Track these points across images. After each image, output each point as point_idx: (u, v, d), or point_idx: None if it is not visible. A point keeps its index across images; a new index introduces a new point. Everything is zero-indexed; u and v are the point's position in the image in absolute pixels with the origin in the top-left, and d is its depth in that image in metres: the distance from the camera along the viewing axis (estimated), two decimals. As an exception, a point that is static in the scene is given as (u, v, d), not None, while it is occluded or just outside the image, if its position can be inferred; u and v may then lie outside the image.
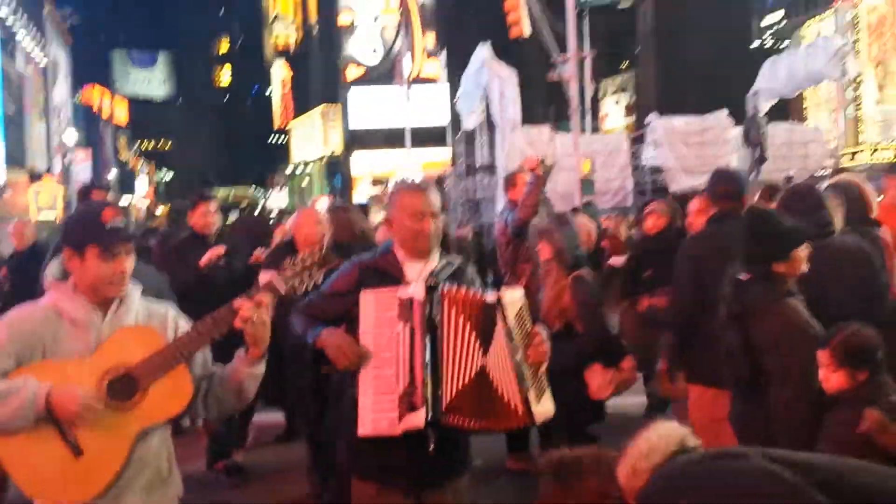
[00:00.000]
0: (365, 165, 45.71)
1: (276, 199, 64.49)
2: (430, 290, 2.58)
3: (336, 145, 52.30)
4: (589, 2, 23.99)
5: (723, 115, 18.90)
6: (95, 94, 57.69)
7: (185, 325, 2.43)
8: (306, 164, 58.14)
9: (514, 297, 2.60)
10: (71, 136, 40.67)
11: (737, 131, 18.16)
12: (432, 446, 2.57)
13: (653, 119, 19.54)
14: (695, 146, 17.71)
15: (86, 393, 2.15)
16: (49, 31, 40.75)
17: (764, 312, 2.85)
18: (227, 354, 2.41)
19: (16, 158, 33.45)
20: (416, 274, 2.71)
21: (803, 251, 2.89)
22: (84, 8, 49.24)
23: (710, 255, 3.57)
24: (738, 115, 18.71)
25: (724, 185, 3.90)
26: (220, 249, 4.99)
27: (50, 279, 3.14)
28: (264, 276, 2.36)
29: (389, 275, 2.70)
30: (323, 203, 12.98)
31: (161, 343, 2.28)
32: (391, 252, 2.77)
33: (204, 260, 4.91)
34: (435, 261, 2.78)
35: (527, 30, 16.84)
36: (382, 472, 2.66)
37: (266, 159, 72.19)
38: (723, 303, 2.98)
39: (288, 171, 63.27)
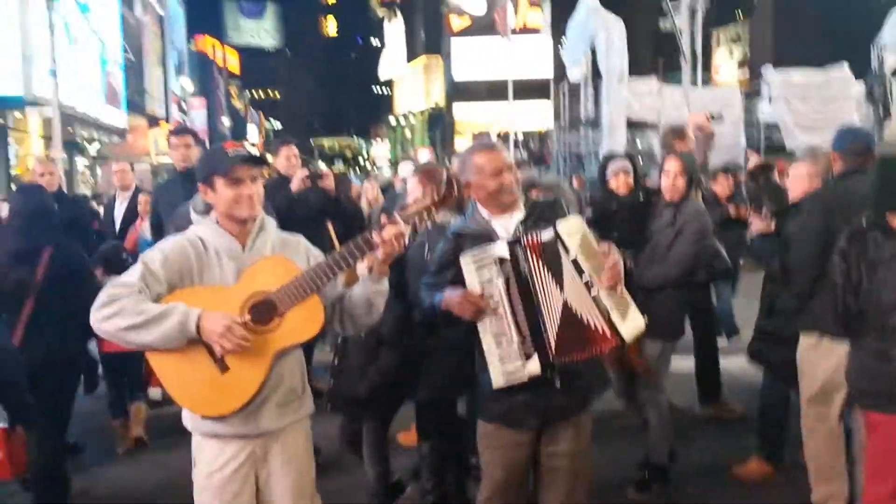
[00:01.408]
0: (467, 117, 45.65)
1: (379, 150, 65.44)
2: (514, 243, 2.72)
3: (438, 97, 52.40)
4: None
5: (844, 68, 17.86)
6: (209, 44, 59.59)
7: (316, 254, 2.65)
8: (409, 115, 58.56)
9: (570, 227, 2.68)
10: (187, 84, 42.28)
11: (859, 87, 17.18)
12: (559, 384, 2.76)
13: (768, 71, 18.70)
14: (814, 101, 16.87)
15: (231, 317, 2.37)
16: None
17: (892, 263, 2.82)
18: None
19: (136, 104, 35.14)
20: (505, 229, 2.84)
21: None
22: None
23: (838, 211, 3.49)
24: (861, 70, 17.67)
25: (853, 141, 3.79)
26: (305, 171, 5.46)
27: (194, 214, 3.41)
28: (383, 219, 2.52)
29: (481, 235, 2.83)
30: (424, 155, 13.10)
31: (296, 271, 2.48)
32: (477, 213, 2.91)
33: (296, 184, 5.32)
34: (521, 212, 2.89)
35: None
36: (512, 413, 2.83)
37: (370, 110, 73.12)
38: (838, 253, 2.96)
39: (392, 122, 63.91)
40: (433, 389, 3.68)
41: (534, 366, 2.69)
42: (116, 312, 2.34)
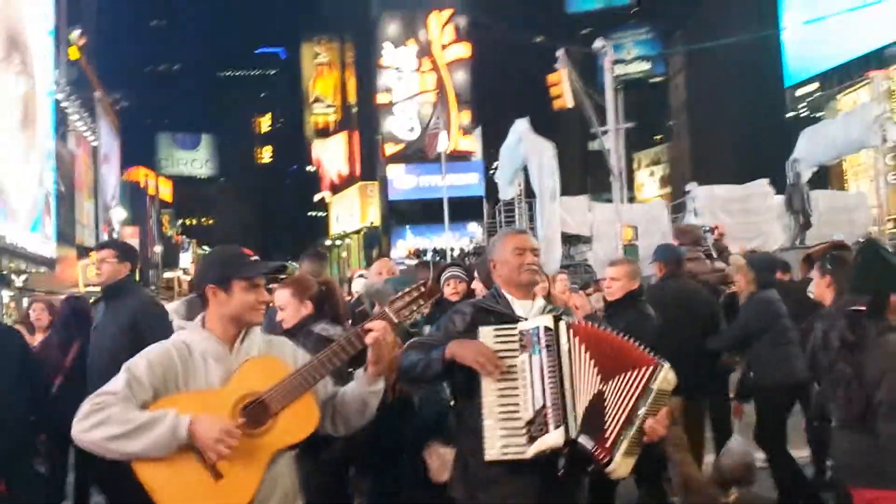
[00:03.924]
0: (402, 237, 46.33)
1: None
2: (558, 319, 2.74)
3: (374, 218, 53.24)
4: (624, 77, 24.59)
5: (764, 182, 19.03)
6: (141, 175, 59.66)
7: (303, 354, 2.61)
8: (345, 236, 59.08)
9: (668, 377, 2.68)
10: (119, 213, 41.92)
11: (778, 199, 18.24)
12: (563, 468, 2.67)
13: (693, 187, 19.72)
14: (738, 213, 17.79)
15: (225, 421, 2.31)
16: (99, 114, 42.48)
17: (873, 345, 2.94)
18: None
19: (66, 235, 34.53)
20: (525, 311, 2.87)
21: None
22: (132, 92, 51.39)
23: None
24: (776, 185, 18.84)
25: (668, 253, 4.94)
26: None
27: (177, 320, 3.34)
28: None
29: (501, 314, 2.86)
30: (358, 276, 13.02)
31: (285, 371, 2.44)
32: (500, 294, 2.94)
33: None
34: (541, 302, 2.95)
35: (570, 102, 17.29)
36: (506, 496, 2.72)
37: (305, 232, 73.46)
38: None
39: (327, 243, 64.38)
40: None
41: (553, 439, 2.61)
42: (102, 421, 2.26)
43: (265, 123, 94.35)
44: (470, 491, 2.82)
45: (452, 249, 27.69)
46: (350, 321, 3.89)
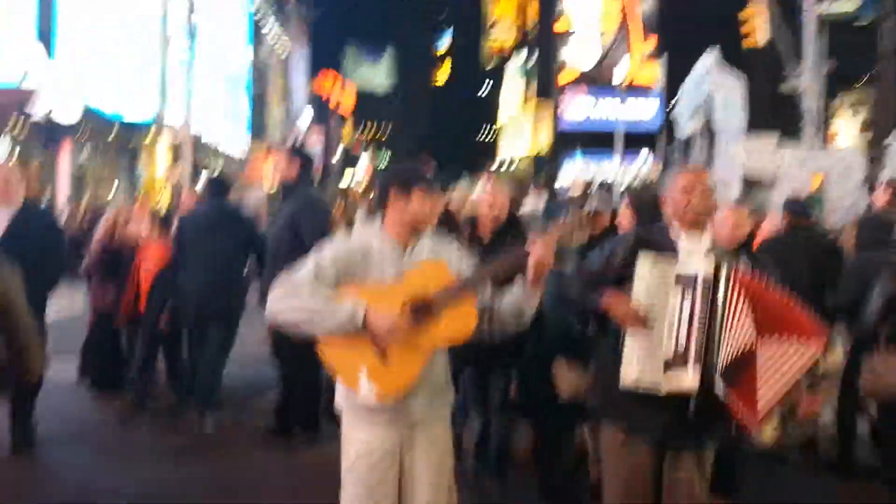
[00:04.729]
0: (571, 166, 45.73)
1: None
2: (720, 268, 2.73)
3: (544, 145, 52.73)
4: (829, 15, 22.57)
5: (977, 140, 17.13)
6: (328, 82, 62.15)
7: (468, 261, 2.83)
8: (513, 161, 59.06)
9: (836, 360, 2.68)
10: (306, 118, 44.17)
11: None
12: (692, 411, 2.74)
13: (894, 139, 18.07)
14: (940, 173, 16.18)
15: (394, 315, 2.58)
16: (291, 24, 44.44)
17: None
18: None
19: (258, 137, 37.01)
20: (689, 251, 2.88)
21: None
22: (321, 4, 53.10)
23: None
24: None
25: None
26: None
27: (360, 220, 3.71)
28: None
29: (664, 247, 2.89)
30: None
31: (450, 276, 2.67)
32: (667, 228, 2.97)
33: None
34: (708, 242, 2.92)
35: (761, 40, 16.20)
36: (634, 422, 2.87)
37: (475, 156, 74.20)
38: None
39: (493, 167, 64.66)
40: None
41: (687, 381, 2.69)
42: (294, 302, 2.60)
43: (444, 44, 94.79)
44: (604, 406, 3.00)
45: (620, 185, 27.08)
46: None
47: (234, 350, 5.82)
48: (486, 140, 74.38)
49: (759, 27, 16.07)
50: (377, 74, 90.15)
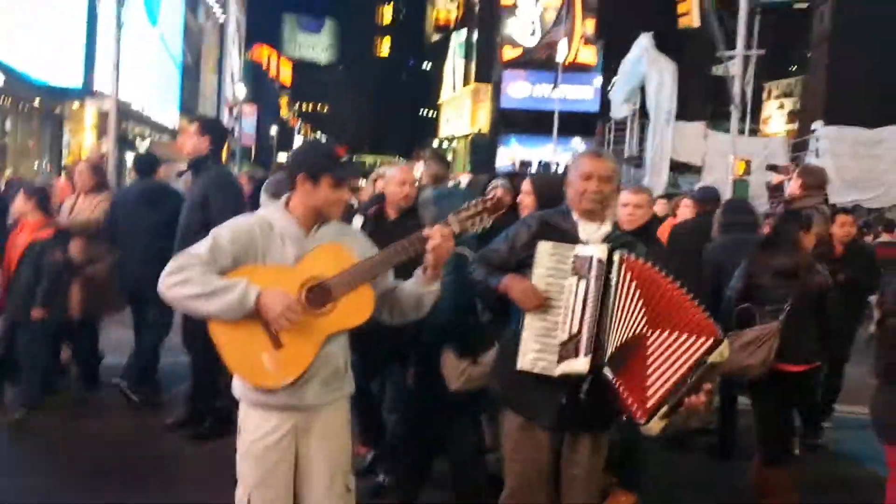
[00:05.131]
0: (507, 145, 45.99)
1: (420, 171, 65.81)
2: (614, 251, 2.76)
3: (483, 124, 52.81)
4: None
5: (897, 129, 17.83)
6: (264, 53, 60.89)
7: (370, 246, 2.77)
8: (452, 139, 59.03)
9: (723, 352, 2.61)
10: (240, 90, 43.18)
11: (910, 148, 17.06)
12: (584, 393, 2.76)
13: (819, 126, 18.67)
14: (865, 158, 16.77)
15: (290, 297, 2.52)
16: (228, -8, 43.25)
17: None
18: None
19: (189, 107, 35.97)
20: (588, 235, 2.89)
21: None
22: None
23: None
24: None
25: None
26: None
27: (264, 197, 3.61)
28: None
29: (564, 231, 2.91)
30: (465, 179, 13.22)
31: (351, 260, 2.62)
32: (568, 212, 2.97)
33: None
34: (608, 227, 2.94)
35: (696, 21, 16.45)
36: (531, 407, 2.89)
37: (415, 132, 73.79)
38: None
39: (434, 144, 64.51)
40: None
41: (579, 364, 2.71)
42: (184, 280, 2.50)
43: (387, 14, 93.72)
44: (504, 387, 3.01)
45: (557, 164, 27.36)
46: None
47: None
48: (429, 116, 74.07)
49: (694, 5, 16.24)
50: (317, 46, 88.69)
